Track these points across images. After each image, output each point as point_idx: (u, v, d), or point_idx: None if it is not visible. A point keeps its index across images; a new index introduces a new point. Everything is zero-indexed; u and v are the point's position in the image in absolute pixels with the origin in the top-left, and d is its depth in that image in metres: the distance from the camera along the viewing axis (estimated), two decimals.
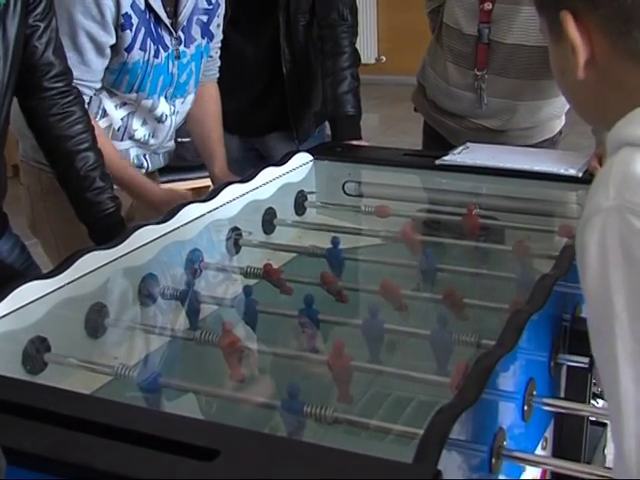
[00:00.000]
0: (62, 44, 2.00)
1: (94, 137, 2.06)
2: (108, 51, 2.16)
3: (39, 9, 1.92)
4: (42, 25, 1.93)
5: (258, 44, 2.75)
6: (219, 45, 2.49)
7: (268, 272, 1.83)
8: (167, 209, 1.94)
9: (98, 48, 2.14)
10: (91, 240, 2.05)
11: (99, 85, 2.19)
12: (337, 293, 1.75)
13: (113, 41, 2.15)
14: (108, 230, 2.01)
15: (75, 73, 2.07)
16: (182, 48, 2.28)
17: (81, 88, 2.11)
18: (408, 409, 1.56)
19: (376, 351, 1.54)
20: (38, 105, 1.99)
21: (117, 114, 2.29)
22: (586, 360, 1.48)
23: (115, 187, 2.12)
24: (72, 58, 2.09)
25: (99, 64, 2.16)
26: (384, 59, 8.55)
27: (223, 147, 2.55)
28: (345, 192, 2.31)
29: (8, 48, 1.83)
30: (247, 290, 1.70)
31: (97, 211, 2.03)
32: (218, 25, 2.41)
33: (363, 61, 8.19)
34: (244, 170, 2.35)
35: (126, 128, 2.31)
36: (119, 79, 2.22)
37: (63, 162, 2.03)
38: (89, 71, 2.15)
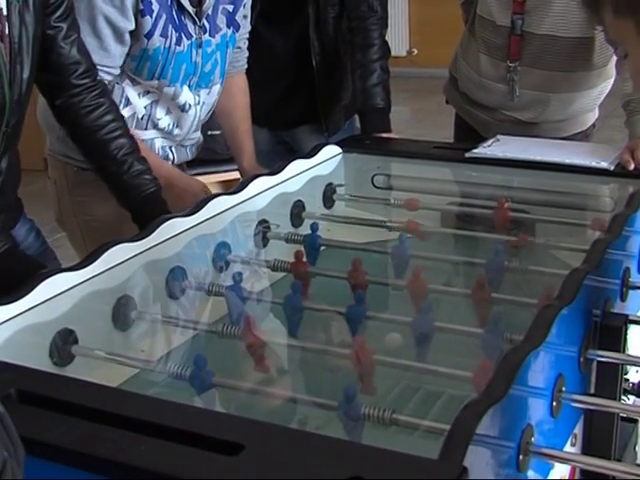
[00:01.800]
0: (83, 40, 2.01)
1: (125, 124, 2.08)
2: (127, 37, 2.16)
3: (59, 11, 1.94)
4: (65, 26, 1.96)
5: (288, 37, 2.74)
6: (246, 36, 2.48)
7: (295, 265, 1.82)
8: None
9: (117, 34, 2.14)
10: (135, 224, 2.05)
11: (118, 71, 2.20)
12: (363, 287, 1.74)
13: (132, 27, 2.15)
14: (151, 210, 2.02)
15: (94, 58, 2.08)
16: (206, 37, 2.28)
17: (100, 73, 2.12)
18: (438, 403, 1.55)
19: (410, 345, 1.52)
20: (68, 102, 2.01)
21: (140, 102, 2.29)
22: (616, 356, 1.46)
23: None
24: (91, 43, 2.10)
25: (118, 50, 2.16)
26: (415, 52, 8.52)
27: (252, 140, 2.54)
28: (374, 185, 2.30)
29: (29, 45, 1.85)
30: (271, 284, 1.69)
31: (138, 193, 2.05)
32: (245, 16, 2.40)
33: (394, 54, 8.19)
34: (273, 163, 2.34)
35: (150, 117, 2.31)
36: (140, 66, 2.22)
37: (98, 151, 2.05)
38: (108, 56, 2.15)
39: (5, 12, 1.80)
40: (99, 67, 2.11)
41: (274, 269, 1.87)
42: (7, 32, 1.81)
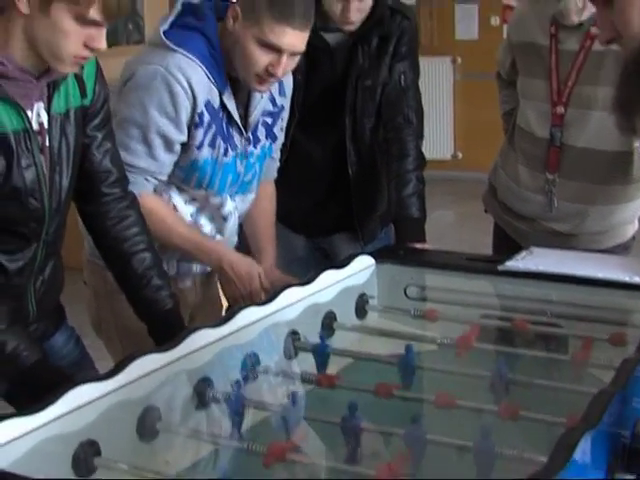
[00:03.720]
0: (118, 151, 2.07)
1: (150, 238, 2.12)
2: (177, 147, 2.21)
3: (97, 120, 1.99)
4: (100, 135, 2.01)
5: (325, 146, 2.79)
6: (280, 147, 2.53)
7: (323, 379, 1.81)
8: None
9: (168, 144, 2.19)
10: (151, 337, 2.08)
11: (164, 178, 2.24)
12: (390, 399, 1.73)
13: (184, 139, 2.20)
14: (167, 326, 2.06)
15: (142, 164, 2.14)
16: (250, 148, 2.32)
17: (147, 179, 2.16)
18: None
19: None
20: (96, 210, 2.06)
21: (186, 210, 2.33)
22: None
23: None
24: (140, 150, 2.15)
25: (167, 158, 2.21)
26: (460, 155, 8.57)
27: (273, 244, 2.57)
28: (407, 296, 2.29)
29: (69, 154, 1.90)
30: (296, 396, 1.68)
31: (155, 308, 2.08)
32: (281, 128, 2.45)
33: (439, 157, 8.23)
34: (309, 270, 2.36)
35: (194, 223, 2.35)
36: (189, 175, 2.27)
37: (120, 262, 2.09)
38: (156, 164, 2.20)
39: (46, 125, 1.86)
40: (146, 173, 2.16)
41: (303, 381, 1.87)
42: (47, 144, 1.87)
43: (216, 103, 2.22)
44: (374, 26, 2.62)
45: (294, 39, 2.13)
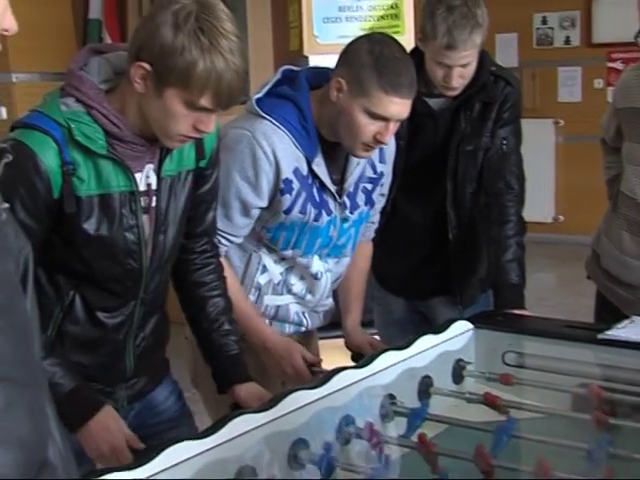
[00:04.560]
0: (216, 217, 2.15)
1: (226, 286, 2.18)
2: (255, 212, 2.25)
3: (209, 185, 2.05)
4: (208, 200, 2.07)
5: (426, 210, 2.79)
6: (379, 211, 2.54)
7: (420, 444, 1.80)
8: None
9: (244, 208, 2.24)
10: (214, 380, 2.14)
11: (239, 240, 2.29)
12: (487, 472, 1.71)
13: (263, 205, 2.24)
14: (230, 371, 2.12)
15: (217, 224, 2.18)
16: (346, 214, 2.35)
17: (221, 239, 2.21)
18: None
19: None
20: (181, 258, 2.12)
21: (276, 269, 2.37)
22: None
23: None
24: (217, 210, 2.19)
25: (241, 222, 2.26)
26: (561, 218, 8.48)
27: (361, 302, 2.59)
28: (505, 362, 2.28)
29: (176, 215, 1.95)
30: (391, 461, 1.68)
31: (221, 352, 2.14)
32: (381, 194, 2.47)
33: (540, 220, 8.13)
34: (407, 332, 2.36)
35: (285, 282, 2.39)
36: (276, 236, 2.31)
37: (196, 305, 2.15)
38: (230, 226, 2.25)
39: (154, 186, 1.91)
40: (221, 233, 2.21)
41: (400, 445, 1.86)
42: (154, 205, 1.91)
43: (304, 170, 2.25)
44: (477, 91, 2.63)
45: (402, 108, 2.16)
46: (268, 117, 2.22)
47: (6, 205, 1.04)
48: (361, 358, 2.39)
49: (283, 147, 2.21)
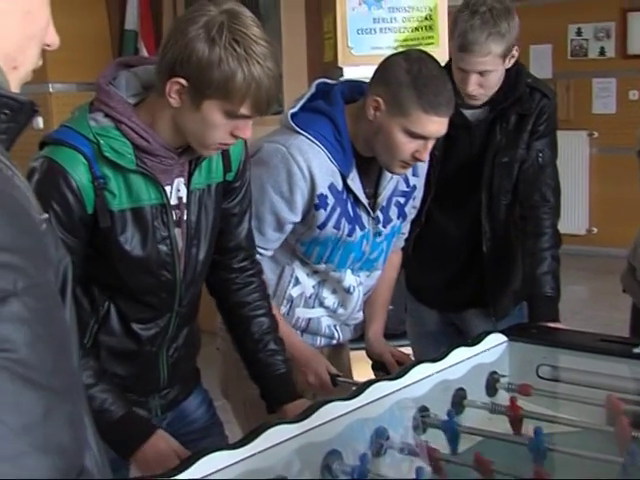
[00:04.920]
0: (252, 230, 2.13)
1: (269, 304, 2.17)
2: (288, 227, 2.25)
3: (238, 197, 2.05)
4: (240, 213, 2.07)
5: (460, 222, 2.78)
6: (409, 223, 2.54)
7: (478, 461, 1.78)
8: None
9: (278, 222, 2.23)
10: (263, 400, 2.13)
11: (270, 253, 2.30)
12: None
13: (297, 220, 2.24)
14: (278, 390, 2.12)
15: None
16: (379, 228, 2.34)
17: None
18: None
19: None
20: (221, 278, 2.13)
21: (309, 282, 2.37)
22: None
23: None
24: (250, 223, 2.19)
25: (273, 236, 2.26)
26: (595, 230, 8.43)
27: (385, 312, 2.58)
28: (539, 376, 2.27)
29: (207, 228, 1.96)
30: (423, 473, 1.67)
31: (269, 371, 2.14)
32: (414, 207, 2.47)
33: (574, 232, 8.11)
34: (440, 344, 2.36)
35: (317, 295, 2.39)
36: (310, 250, 2.31)
37: (240, 325, 2.15)
38: (262, 239, 2.25)
39: (185, 200, 1.92)
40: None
41: (455, 463, 1.85)
42: (185, 218, 1.92)
43: (339, 185, 2.25)
44: (513, 103, 2.63)
45: (441, 126, 2.16)
46: (304, 132, 2.22)
47: (46, 215, 1.04)
48: (382, 367, 2.41)
49: (319, 163, 2.21)
